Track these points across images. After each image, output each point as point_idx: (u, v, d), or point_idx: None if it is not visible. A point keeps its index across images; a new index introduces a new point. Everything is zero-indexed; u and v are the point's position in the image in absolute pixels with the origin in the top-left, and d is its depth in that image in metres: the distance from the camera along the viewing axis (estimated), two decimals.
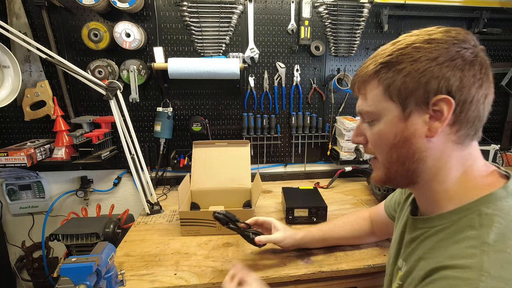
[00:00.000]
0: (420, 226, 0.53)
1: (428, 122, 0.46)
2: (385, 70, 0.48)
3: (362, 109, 0.53)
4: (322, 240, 0.93)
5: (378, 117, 0.50)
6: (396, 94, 0.47)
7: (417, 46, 0.46)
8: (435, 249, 0.47)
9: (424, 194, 0.53)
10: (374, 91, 0.50)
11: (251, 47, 1.45)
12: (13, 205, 1.49)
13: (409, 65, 0.46)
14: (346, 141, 1.53)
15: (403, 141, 0.48)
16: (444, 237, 0.47)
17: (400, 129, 0.48)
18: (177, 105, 1.50)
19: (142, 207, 1.25)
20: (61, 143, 1.34)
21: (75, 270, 0.61)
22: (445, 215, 0.48)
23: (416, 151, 0.48)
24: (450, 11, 1.55)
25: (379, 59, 0.49)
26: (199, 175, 1.24)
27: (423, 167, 0.49)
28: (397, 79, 0.47)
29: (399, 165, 0.50)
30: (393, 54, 0.47)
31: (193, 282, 0.82)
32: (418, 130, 0.47)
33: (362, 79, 0.51)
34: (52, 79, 1.37)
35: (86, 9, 1.32)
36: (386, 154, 0.51)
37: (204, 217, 1.03)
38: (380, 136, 0.51)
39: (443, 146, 0.47)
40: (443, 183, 0.49)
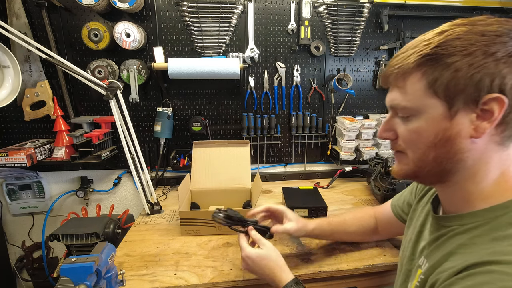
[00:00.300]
0: (446, 224, 0.51)
1: (475, 121, 0.43)
2: (431, 63, 0.44)
3: (397, 103, 0.49)
4: (330, 234, 0.92)
5: (416, 113, 0.47)
6: (443, 90, 0.43)
7: (471, 38, 0.41)
8: (468, 246, 0.45)
9: (454, 193, 0.50)
10: (416, 85, 0.46)
11: (251, 47, 1.45)
12: (13, 205, 1.49)
13: (461, 59, 0.41)
14: (346, 141, 1.53)
15: (444, 141, 0.45)
16: (478, 234, 0.45)
17: (443, 128, 0.45)
18: (177, 105, 1.50)
19: (142, 207, 1.25)
20: (61, 143, 1.34)
21: (75, 270, 0.61)
22: (478, 213, 0.46)
23: (457, 151, 0.45)
24: (450, 11, 1.55)
25: (423, 50, 0.44)
26: (199, 175, 1.24)
27: (460, 168, 0.47)
28: (445, 74, 0.43)
29: (435, 165, 0.48)
30: (442, 45, 0.43)
31: (193, 282, 0.82)
32: (463, 130, 0.44)
33: (402, 71, 0.47)
34: (52, 79, 1.37)
35: (86, 9, 1.32)
36: (421, 152, 0.48)
37: (204, 217, 1.03)
38: (418, 133, 0.47)
39: (485, 147, 0.44)
40: (479, 183, 0.47)
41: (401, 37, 1.54)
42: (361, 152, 1.55)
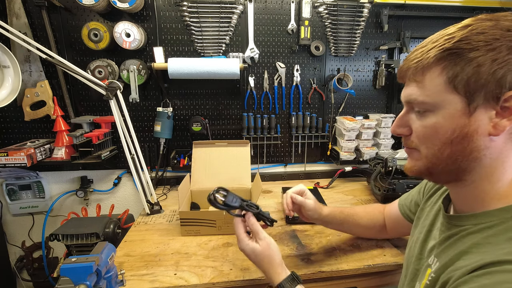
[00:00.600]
0: (458, 223, 0.50)
1: (494, 119, 0.42)
2: (452, 57, 0.43)
3: (415, 98, 0.47)
4: (341, 223, 0.91)
5: (434, 109, 0.46)
6: (463, 86, 0.42)
7: (495, 33, 0.41)
8: (483, 245, 0.44)
9: (468, 192, 0.49)
10: (435, 80, 0.45)
11: (251, 47, 1.45)
12: (13, 205, 1.49)
13: (484, 54, 0.40)
14: (346, 141, 1.53)
15: (461, 138, 0.44)
16: (493, 233, 0.44)
17: (461, 124, 0.44)
18: (177, 105, 1.50)
19: (142, 207, 1.25)
20: (61, 143, 1.34)
21: (75, 270, 0.61)
22: (493, 212, 0.45)
23: (474, 149, 0.44)
24: (450, 11, 1.55)
25: (444, 44, 0.43)
26: (199, 175, 1.24)
27: (476, 166, 0.46)
28: (467, 69, 0.42)
29: (450, 162, 0.47)
30: (465, 39, 0.42)
31: (193, 282, 0.82)
32: (481, 127, 0.43)
33: (421, 65, 0.46)
34: (52, 79, 1.37)
35: (86, 9, 1.32)
36: (437, 149, 0.47)
37: (204, 217, 1.03)
38: (435, 129, 0.46)
39: (503, 145, 0.44)
40: (496, 183, 0.46)
41: (401, 37, 1.54)
42: (361, 152, 1.55)
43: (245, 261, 0.90)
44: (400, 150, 1.52)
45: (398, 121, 0.52)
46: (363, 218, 0.91)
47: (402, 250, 0.94)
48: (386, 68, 1.56)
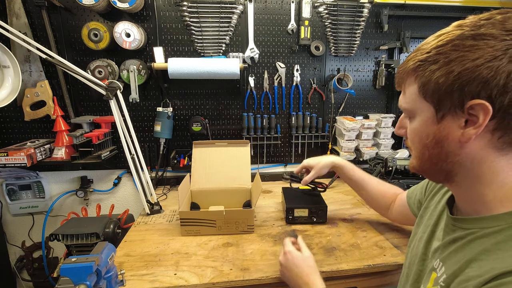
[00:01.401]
0: (464, 226, 0.50)
1: (464, 127, 0.43)
2: (422, 68, 0.45)
3: (401, 104, 0.52)
4: (349, 179, 1.05)
5: (413, 115, 0.50)
6: (430, 95, 0.45)
7: (457, 44, 0.42)
8: (492, 252, 0.43)
9: (465, 194, 0.50)
10: (411, 88, 0.48)
11: (251, 47, 1.45)
12: (13, 205, 1.49)
13: (444, 66, 0.42)
14: (346, 141, 1.53)
15: (434, 143, 0.47)
16: (502, 239, 0.43)
17: (432, 130, 0.46)
18: (177, 105, 1.50)
19: (142, 207, 1.25)
20: (61, 143, 1.34)
21: (75, 270, 0.61)
22: (500, 216, 0.44)
23: (448, 154, 0.46)
24: (450, 11, 1.55)
25: (418, 55, 0.46)
26: (199, 175, 1.24)
27: (459, 169, 0.47)
28: (431, 79, 0.44)
29: (431, 164, 0.50)
30: (431, 51, 0.44)
31: (193, 282, 0.82)
32: (451, 134, 0.44)
33: (402, 74, 0.50)
34: (52, 79, 1.37)
35: (86, 9, 1.32)
36: (419, 151, 0.51)
37: (204, 217, 1.03)
38: (415, 133, 0.50)
39: (483, 151, 0.44)
40: (490, 185, 0.46)
41: (401, 37, 1.54)
42: (361, 152, 1.55)
43: (245, 261, 0.90)
44: (400, 150, 1.53)
45: (398, 123, 0.56)
46: (373, 189, 1.01)
47: (402, 250, 0.94)
48: (386, 68, 1.56)
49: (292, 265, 0.77)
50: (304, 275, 0.74)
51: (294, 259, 0.78)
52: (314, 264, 0.78)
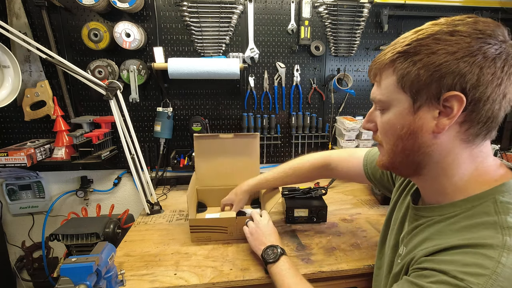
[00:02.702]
0: (425, 214, 0.53)
1: (437, 117, 0.45)
2: (401, 60, 0.47)
3: (375, 97, 0.52)
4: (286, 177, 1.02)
5: (388, 107, 0.50)
6: (409, 86, 0.46)
7: (438, 37, 0.44)
8: (444, 232, 0.47)
9: (430, 186, 0.53)
10: (388, 80, 0.49)
11: (251, 47, 1.45)
12: (13, 205, 1.49)
13: (425, 57, 0.44)
14: (346, 141, 1.53)
15: (409, 134, 0.48)
16: (454, 221, 0.47)
17: (407, 121, 0.48)
18: (177, 105, 1.50)
19: (142, 207, 1.25)
20: (61, 143, 1.34)
21: (75, 270, 0.61)
22: (456, 203, 0.48)
23: (421, 145, 0.48)
24: (450, 11, 1.55)
25: (397, 48, 0.47)
26: (203, 172, 1.19)
27: (428, 161, 0.49)
28: (411, 71, 0.45)
29: (404, 156, 0.51)
30: (412, 44, 0.46)
31: (193, 282, 0.82)
32: (425, 125, 0.46)
33: (379, 66, 0.51)
34: (52, 79, 1.37)
35: (86, 9, 1.32)
36: (392, 143, 0.51)
37: (215, 224, 0.99)
38: (389, 125, 0.51)
39: (451, 143, 0.47)
40: (451, 177, 0.49)
41: None
42: None
43: (245, 261, 0.90)
44: None
45: (367, 117, 0.57)
46: (304, 166, 0.99)
47: None
48: None
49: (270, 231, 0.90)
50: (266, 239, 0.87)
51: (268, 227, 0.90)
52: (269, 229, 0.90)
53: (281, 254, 0.79)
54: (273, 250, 0.81)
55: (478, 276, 0.38)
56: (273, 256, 0.79)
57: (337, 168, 0.94)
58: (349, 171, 0.91)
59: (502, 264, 0.38)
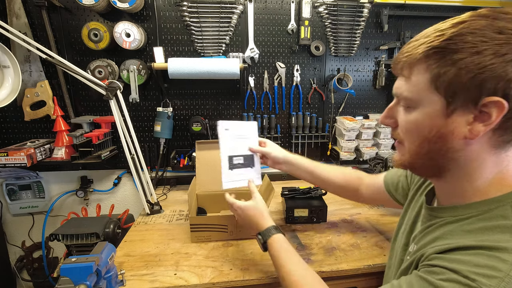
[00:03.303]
0: (439, 215, 0.52)
1: (472, 123, 0.42)
2: (437, 57, 0.42)
3: (401, 92, 0.48)
4: (310, 173, 0.96)
5: (416, 105, 0.46)
6: (444, 87, 0.42)
7: (485, 34, 0.39)
8: (455, 232, 0.46)
9: (448, 188, 0.51)
10: (419, 77, 0.44)
11: (251, 47, 1.45)
12: (13, 205, 1.49)
13: (468, 57, 0.39)
14: (346, 141, 1.53)
15: (438, 137, 0.45)
16: (468, 223, 0.46)
17: (438, 124, 0.44)
18: (177, 105, 1.50)
19: (142, 207, 1.25)
20: (61, 143, 1.34)
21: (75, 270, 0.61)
22: (472, 205, 0.47)
23: (449, 150, 0.45)
24: (450, 11, 1.55)
25: (433, 41, 0.42)
26: (204, 178, 1.19)
27: (454, 165, 0.47)
28: (450, 70, 0.41)
29: (427, 159, 0.48)
30: (453, 39, 0.40)
31: (193, 282, 0.82)
32: (457, 130, 0.43)
33: (409, 60, 0.46)
34: (52, 79, 1.37)
35: (86, 9, 1.32)
36: (417, 145, 0.48)
37: (215, 222, 0.99)
38: (415, 125, 0.47)
39: (480, 149, 0.44)
40: (474, 181, 0.47)
41: (401, 37, 1.54)
42: (361, 152, 1.55)
43: (245, 261, 0.90)
44: None
45: (386, 112, 0.53)
46: (338, 177, 0.96)
47: None
48: (386, 68, 1.56)
49: (245, 218, 0.84)
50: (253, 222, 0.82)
51: (244, 211, 0.83)
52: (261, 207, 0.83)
53: (263, 241, 0.77)
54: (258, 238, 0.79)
55: (491, 278, 0.37)
56: (261, 245, 0.78)
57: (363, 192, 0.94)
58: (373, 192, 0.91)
59: None
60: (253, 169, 0.96)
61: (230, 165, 0.92)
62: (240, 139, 0.95)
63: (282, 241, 0.75)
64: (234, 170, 0.92)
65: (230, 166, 0.92)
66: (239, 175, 0.92)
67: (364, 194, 0.94)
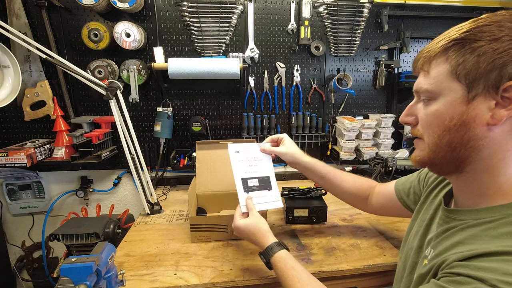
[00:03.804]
0: (458, 218, 0.50)
1: (494, 108, 0.42)
2: (457, 48, 0.44)
3: (421, 87, 0.49)
4: (321, 178, 0.93)
5: (436, 97, 0.47)
6: (465, 74, 0.43)
7: (502, 24, 0.41)
8: (479, 237, 0.44)
9: (470, 186, 0.50)
10: (439, 68, 0.46)
11: (251, 47, 1.45)
12: (13, 205, 1.49)
13: (487, 44, 0.41)
14: (346, 141, 1.53)
15: (459, 125, 0.45)
16: (493, 227, 0.44)
17: (459, 111, 0.45)
18: (177, 105, 1.50)
19: (142, 207, 1.25)
20: (61, 143, 1.34)
21: (75, 270, 0.61)
22: (496, 208, 0.45)
23: (471, 137, 0.45)
24: (450, 11, 1.55)
25: (453, 35, 0.45)
26: (204, 178, 1.19)
27: (476, 157, 0.46)
28: (469, 58, 0.43)
29: (449, 150, 0.47)
30: (472, 30, 0.43)
31: (193, 282, 0.81)
32: (479, 116, 0.43)
33: (429, 55, 0.48)
34: (52, 79, 1.37)
35: (86, 9, 1.32)
36: (437, 136, 0.48)
37: (215, 222, 0.99)
38: (436, 116, 0.47)
39: (504, 137, 0.43)
40: (497, 177, 0.46)
41: (401, 37, 1.54)
42: (361, 152, 1.55)
43: (245, 261, 0.90)
44: (400, 150, 1.52)
45: (406, 110, 0.54)
46: (349, 183, 0.94)
47: None
48: (386, 68, 1.56)
49: (245, 236, 0.81)
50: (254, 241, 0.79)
51: (242, 232, 0.80)
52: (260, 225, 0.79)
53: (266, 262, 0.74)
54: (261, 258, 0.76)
55: None
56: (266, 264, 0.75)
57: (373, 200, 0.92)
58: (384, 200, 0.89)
59: None
60: (270, 192, 0.90)
61: (245, 188, 0.88)
62: (253, 161, 0.93)
63: (286, 259, 0.71)
64: (250, 193, 0.87)
65: (245, 189, 0.88)
66: (256, 199, 0.87)
67: (373, 202, 0.92)
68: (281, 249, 0.73)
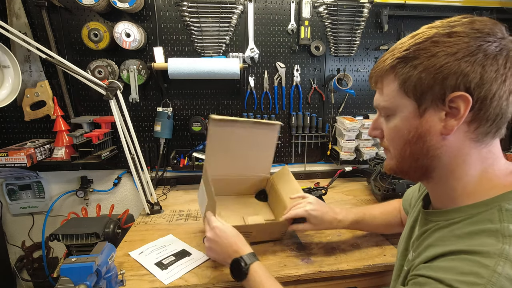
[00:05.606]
0: (433, 219, 0.53)
1: (444, 119, 0.45)
2: (401, 65, 0.47)
3: (378, 103, 0.52)
4: (355, 225, 0.94)
5: (393, 113, 0.50)
6: (412, 90, 0.46)
7: (436, 40, 0.44)
8: (447, 238, 0.47)
9: (439, 189, 0.53)
10: (390, 86, 0.49)
11: (251, 47, 1.45)
12: (13, 205, 1.49)
13: (426, 60, 0.44)
14: (346, 141, 1.53)
15: (417, 138, 0.48)
16: (458, 227, 0.46)
17: (414, 125, 0.48)
18: (177, 105, 1.50)
19: (142, 207, 1.25)
20: (61, 143, 1.34)
21: (75, 270, 0.61)
22: (462, 208, 0.48)
23: (430, 148, 0.47)
24: (450, 11, 1.55)
25: (396, 54, 0.47)
26: (214, 160, 1.05)
27: (438, 164, 0.49)
28: (413, 75, 0.45)
29: (413, 161, 0.50)
30: (410, 48, 0.46)
31: (193, 282, 0.82)
32: (433, 127, 0.46)
33: (379, 73, 0.51)
34: (52, 79, 1.37)
35: (86, 9, 1.32)
36: (400, 149, 0.51)
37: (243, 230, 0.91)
38: (395, 131, 0.50)
39: (460, 143, 0.46)
40: (461, 179, 0.48)
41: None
42: (361, 152, 1.55)
43: None
44: None
45: (372, 125, 0.57)
46: (377, 217, 0.94)
47: None
48: None
49: (223, 238, 0.79)
50: (233, 244, 0.77)
51: (222, 232, 0.79)
52: (237, 232, 0.80)
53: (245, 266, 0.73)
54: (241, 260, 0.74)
55: (473, 286, 0.38)
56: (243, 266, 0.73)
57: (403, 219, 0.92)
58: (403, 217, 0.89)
59: (498, 273, 0.37)
60: None
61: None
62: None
63: (265, 269, 0.73)
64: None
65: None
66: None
67: (403, 220, 0.90)
68: (256, 260, 0.75)
